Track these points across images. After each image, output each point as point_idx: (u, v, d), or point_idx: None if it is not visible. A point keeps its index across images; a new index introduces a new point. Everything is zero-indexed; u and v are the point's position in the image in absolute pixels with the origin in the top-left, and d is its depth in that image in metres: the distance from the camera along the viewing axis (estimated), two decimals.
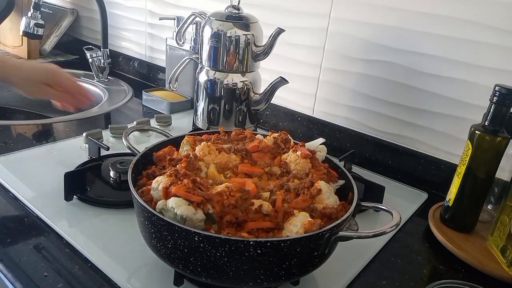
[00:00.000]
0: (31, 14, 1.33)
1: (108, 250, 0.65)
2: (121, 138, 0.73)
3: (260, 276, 0.51)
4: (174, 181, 0.54)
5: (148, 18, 1.47)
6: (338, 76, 1.06)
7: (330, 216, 0.55)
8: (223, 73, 0.98)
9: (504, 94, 0.69)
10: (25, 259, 0.62)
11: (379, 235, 0.52)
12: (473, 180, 0.75)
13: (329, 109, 1.09)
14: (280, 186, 0.61)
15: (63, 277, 0.59)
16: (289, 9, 1.10)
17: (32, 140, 1.00)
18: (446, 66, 0.89)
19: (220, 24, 0.95)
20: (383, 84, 0.99)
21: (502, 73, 0.83)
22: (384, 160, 1.01)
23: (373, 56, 0.99)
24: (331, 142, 1.06)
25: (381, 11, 0.95)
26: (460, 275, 0.69)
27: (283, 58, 1.14)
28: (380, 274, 0.67)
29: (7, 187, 0.79)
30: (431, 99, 0.93)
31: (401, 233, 0.78)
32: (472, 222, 0.78)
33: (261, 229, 0.52)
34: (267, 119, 1.22)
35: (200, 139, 0.69)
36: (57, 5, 1.78)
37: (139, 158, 0.64)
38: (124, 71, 1.62)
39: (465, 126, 0.78)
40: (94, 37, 1.69)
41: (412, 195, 0.92)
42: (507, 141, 0.72)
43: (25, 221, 0.70)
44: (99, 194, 0.78)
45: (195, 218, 0.51)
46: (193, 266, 0.51)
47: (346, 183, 0.65)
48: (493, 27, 0.82)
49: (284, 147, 0.68)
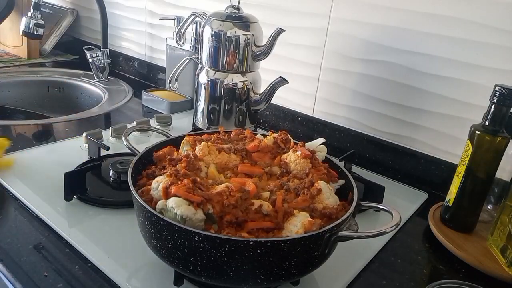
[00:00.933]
0: (31, 14, 1.33)
1: (108, 250, 0.65)
2: (121, 138, 0.73)
3: (260, 276, 0.51)
4: (174, 181, 0.54)
5: (148, 18, 1.47)
6: (338, 76, 1.06)
7: (330, 216, 0.55)
8: (223, 73, 0.98)
9: (504, 94, 0.69)
10: (25, 259, 0.62)
11: (379, 235, 0.52)
12: (473, 180, 0.75)
13: (329, 109, 1.09)
14: (280, 186, 0.61)
15: (63, 277, 0.59)
16: (289, 9, 1.10)
17: (32, 140, 1.00)
18: (446, 66, 0.89)
19: (220, 24, 0.95)
20: (383, 84, 0.99)
21: (502, 73, 0.83)
22: (384, 160, 1.01)
23: (373, 56, 0.99)
24: (331, 142, 1.06)
25: (381, 11, 0.95)
26: (460, 275, 0.69)
27: (283, 58, 1.14)
28: (380, 274, 0.67)
29: (7, 187, 0.79)
30: (431, 99, 0.93)
31: (401, 233, 0.78)
32: (472, 222, 0.78)
33: (261, 229, 0.52)
34: (267, 119, 1.22)
35: (200, 139, 0.69)
36: (57, 5, 1.78)
37: (139, 158, 0.64)
38: (124, 71, 1.62)
39: (465, 126, 0.78)
40: (94, 37, 1.69)
41: (412, 195, 0.92)
42: (507, 141, 0.72)
43: (25, 221, 0.70)
44: (99, 194, 0.78)
45: (195, 218, 0.51)
46: (193, 266, 0.51)
47: (346, 183, 0.65)
48: (493, 27, 0.82)
49: (284, 147, 0.68)
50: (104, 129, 1.02)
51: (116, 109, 1.26)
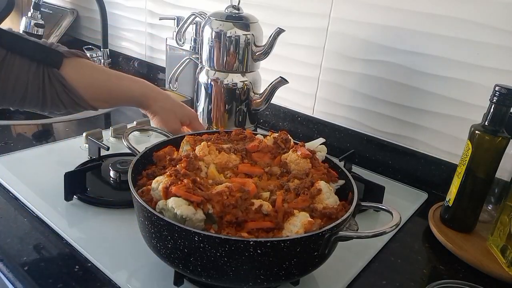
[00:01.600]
0: (31, 14, 1.33)
1: (108, 250, 0.65)
2: (121, 138, 0.73)
3: (260, 276, 0.51)
4: (174, 181, 0.54)
5: (148, 18, 1.47)
6: (338, 76, 1.06)
7: (330, 216, 0.55)
8: (223, 73, 0.98)
9: (504, 94, 0.69)
10: (25, 259, 0.62)
11: (379, 235, 0.52)
12: (473, 180, 0.75)
13: (329, 109, 1.09)
14: (280, 186, 0.61)
15: (63, 277, 0.59)
16: (289, 9, 1.10)
17: (32, 140, 1.00)
18: (447, 66, 0.89)
19: (220, 24, 0.95)
20: (383, 84, 0.99)
21: (502, 73, 0.83)
22: (384, 160, 1.01)
23: (373, 56, 0.99)
24: (331, 142, 1.06)
25: (381, 11, 0.95)
26: (460, 275, 0.69)
27: (283, 58, 1.13)
28: (380, 274, 0.67)
29: (7, 187, 0.79)
30: (431, 99, 0.93)
31: (401, 233, 0.78)
32: (472, 222, 0.78)
33: (261, 229, 0.52)
34: (267, 119, 1.22)
35: (200, 139, 0.69)
36: (57, 5, 1.78)
37: (139, 158, 0.64)
38: (124, 71, 1.61)
39: (465, 126, 0.78)
40: (94, 37, 1.69)
41: (412, 195, 0.92)
42: (507, 141, 0.72)
43: (25, 221, 0.70)
44: (99, 194, 0.78)
45: (195, 218, 0.51)
46: (193, 266, 0.51)
47: (346, 183, 0.65)
48: (493, 27, 0.82)
49: (284, 147, 0.68)
50: (104, 129, 1.02)
51: (116, 109, 1.25)
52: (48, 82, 0.69)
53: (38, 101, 0.69)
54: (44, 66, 0.69)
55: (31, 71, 0.68)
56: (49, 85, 0.69)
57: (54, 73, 0.69)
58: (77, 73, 0.71)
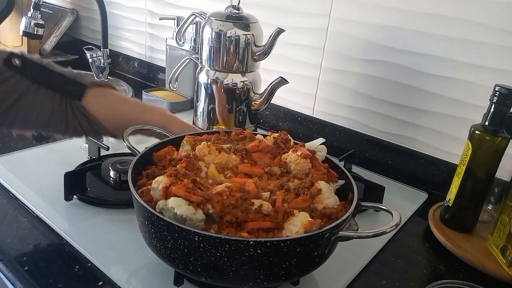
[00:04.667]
0: (31, 14, 1.33)
1: (108, 250, 0.65)
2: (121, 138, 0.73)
3: (260, 276, 0.51)
4: (174, 181, 0.54)
5: (148, 18, 1.47)
6: (338, 76, 1.06)
7: (330, 216, 0.55)
8: (223, 73, 0.98)
9: (504, 94, 0.69)
10: (25, 259, 0.62)
11: (379, 235, 0.52)
12: (473, 180, 0.75)
13: (329, 109, 1.09)
14: (280, 186, 0.61)
15: (63, 277, 0.59)
16: (289, 9, 1.10)
17: (32, 140, 1.00)
18: (446, 66, 0.89)
19: (220, 24, 0.95)
20: (383, 84, 0.99)
21: (502, 73, 0.83)
22: (384, 160, 1.01)
23: (373, 56, 0.99)
24: (331, 142, 1.06)
25: (381, 11, 0.95)
26: (460, 275, 0.69)
27: (283, 58, 1.13)
28: (380, 274, 0.67)
29: (7, 187, 0.79)
30: (431, 99, 0.93)
31: (401, 233, 0.78)
32: (472, 222, 0.78)
33: (261, 229, 0.52)
34: (267, 119, 1.22)
35: (200, 139, 0.69)
36: (57, 5, 1.78)
37: (139, 158, 0.64)
38: (124, 71, 1.62)
39: (465, 126, 0.78)
40: (94, 37, 1.69)
41: (412, 195, 0.92)
42: (507, 141, 0.72)
43: (25, 221, 0.70)
44: (99, 194, 0.78)
45: (195, 218, 0.51)
46: (193, 266, 0.51)
47: (346, 183, 0.65)
48: (493, 27, 0.82)
49: (284, 147, 0.68)
50: None
51: None
52: (71, 112, 0.72)
53: (61, 129, 0.73)
54: (67, 97, 0.71)
55: (55, 102, 0.71)
56: (71, 115, 0.72)
57: (77, 104, 0.72)
58: (99, 103, 0.74)
